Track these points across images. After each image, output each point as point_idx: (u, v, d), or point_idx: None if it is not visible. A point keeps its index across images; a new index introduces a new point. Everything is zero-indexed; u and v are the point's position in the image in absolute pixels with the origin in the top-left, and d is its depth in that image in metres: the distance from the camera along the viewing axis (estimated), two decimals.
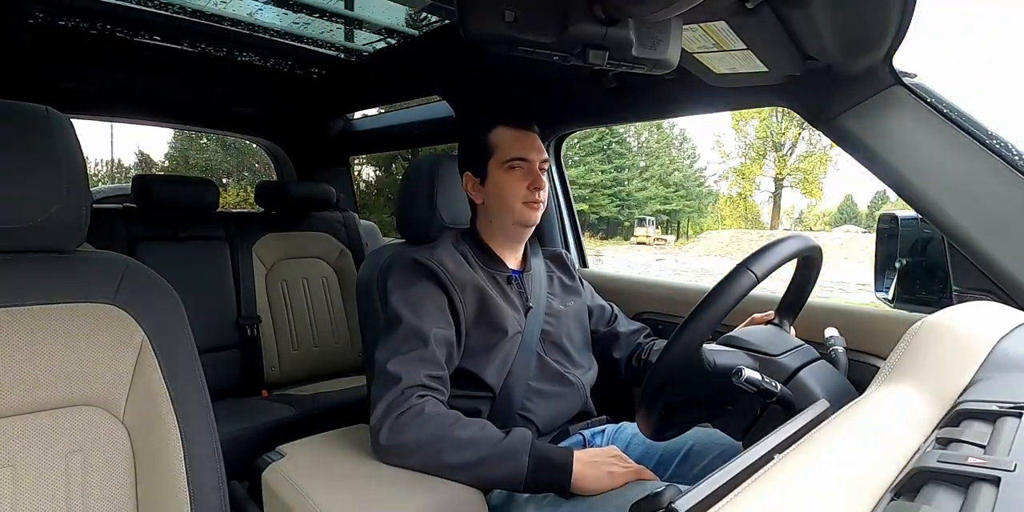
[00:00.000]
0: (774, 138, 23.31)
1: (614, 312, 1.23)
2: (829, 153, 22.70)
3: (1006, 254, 0.83)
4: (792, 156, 23.44)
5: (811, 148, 23.04)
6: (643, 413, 0.75)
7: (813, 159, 23.02)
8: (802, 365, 0.78)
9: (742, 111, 19.76)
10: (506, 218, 1.03)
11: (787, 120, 22.72)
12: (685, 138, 28.28)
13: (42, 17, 1.46)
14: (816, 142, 22.95)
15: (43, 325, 0.66)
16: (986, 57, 51.82)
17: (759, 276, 0.71)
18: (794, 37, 0.75)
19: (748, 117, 22.94)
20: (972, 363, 0.48)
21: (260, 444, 1.01)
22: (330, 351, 1.95)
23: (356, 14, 1.47)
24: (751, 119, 23.13)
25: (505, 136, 1.02)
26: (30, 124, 0.65)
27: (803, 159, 23.15)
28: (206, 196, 1.78)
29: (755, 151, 24.02)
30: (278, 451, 0.90)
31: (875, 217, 2.33)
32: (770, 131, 23.19)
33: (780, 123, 22.90)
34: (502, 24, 0.50)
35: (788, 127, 22.82)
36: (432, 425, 0.82)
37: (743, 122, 23.40)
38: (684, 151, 28.53)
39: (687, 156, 28.62)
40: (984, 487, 0.30)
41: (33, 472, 0.63)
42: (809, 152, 23.12)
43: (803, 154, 23.21)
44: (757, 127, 23.26)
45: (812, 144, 23.07)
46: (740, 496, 0.32)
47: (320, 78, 2.00)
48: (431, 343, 0.89)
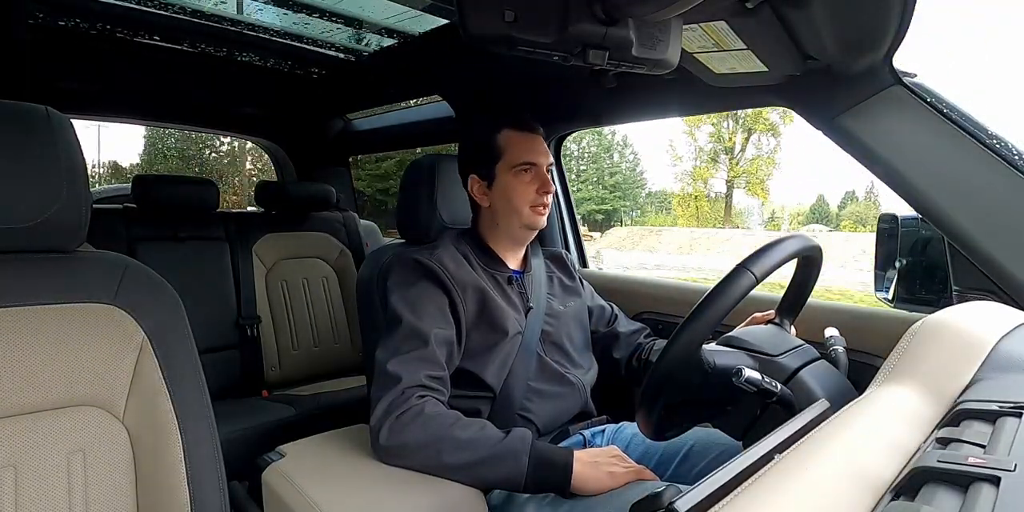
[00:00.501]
0: (724, 143, 24.86)
1: (614, 312, 1.23)
2: (774, 157, 24.50)
3: (1006, 254, 0.83)
4: (741, 160, 25.08)
5: (758, 152, 24.83)
6: (643, 413, 0.75)
7: (758, 162, 24.68)
8: (802, 365, 0.78)
9: (695, 118, 20.97)
10: (513, 221, 1.03)
11: (737, 127, 24.27)
12: (627, 144, 29.58)
13: (42, 17, 1.46)
14: (762, 146, 24.80)
15: (43, 325, 0.66)
16: (986, 57, 51.82)
17: (758, 276, 0.71)
18: (794, 37, 0.75)
19: (699, 123, 24.46)
20: (972, 363, 0.48)
21: (260, 444, 1.01)
22: (330, 351, 1.94)
23: (356, 14, 1.47)
24: (703, 125, 24.64)
25: (512, 139, 1.02)
26: (30, 124, 0.65)
27: (750, 163, 24.82)
28: (206, 196, 1.78)
29: (708, 155, 25.71)
30: (278, 451, 0.90)
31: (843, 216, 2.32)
32: (721, 137, 24.78)
33: (730, 129, 24.49)
34: (502, 24, 0.50)
35: (736, 131, 24.40)
36: (432, 425, 0.82)
37: (696, 128, 24.85)
38: (625, 156, 29.67)
39: (626, 160, 29.71)
40: (984, 487, 0.30)
41: (34, 472, 0.63)
42: (756, 156, 24.80)
43: (751, 158, 24.87)
44: (711, 133, 24.90)
45: (759, 148, 24.86)
46: (740, 496, 0.32)
47: (320, 78, 2.00)
48: (431, 343, 0.89)
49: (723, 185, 25.90)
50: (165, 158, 21.65)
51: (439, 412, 0.84)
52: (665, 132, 47.73)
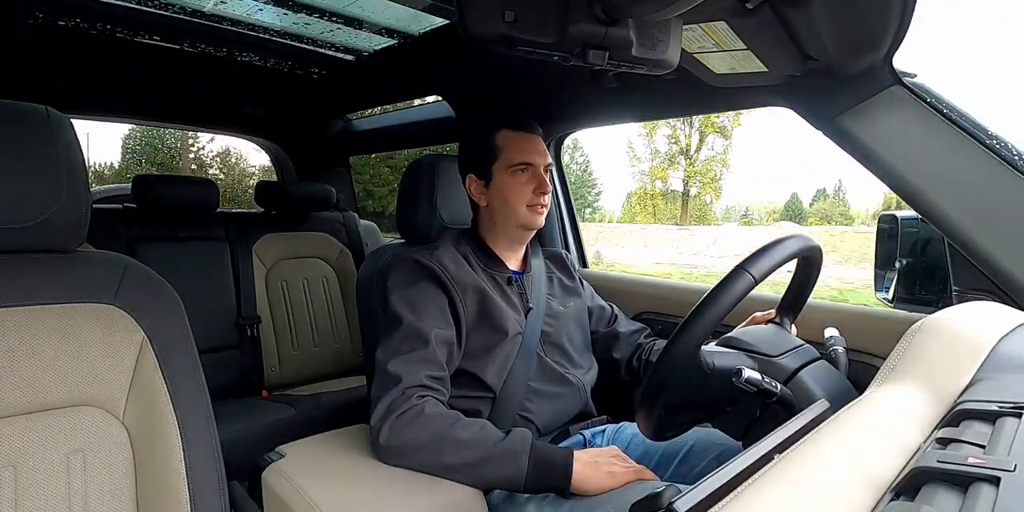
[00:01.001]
0: (681, 145, 26.73)
1: (614, 312, 1.23)
2: (725, 158, 26.21)
3: (1006, 254, 0.83)
4: (697, 161, 26.96)
5: (711, 153, 26.62)
6: (643, 413, 0.75)
7: (710, 163, 26.54)
8: (802, 365, 0.78)
9: (653, 123, 21.98)
10: (510, 221, 1.04)
11: (692, 130, 26.06)
12: (577, 147, 31.05)
13: (42, 17, 1.46)
14: (714, 147, 26.55)
15: (43, 325, 0.66)
16: (986, 57, 51.80)
17: (757, 277, 0.71)
18: (794, 37, 0.75)
19: (656, 127, 26.13)
20: (972, 363, 0.48)
21: (260, 444, 1.01)
22: (330, 351, 1.94)
23: (356, 14, 1.47)
24: (660, 128, 26.44)
25: (510, 139, 1.02)
26: (30, 124, 0.65)
27: (705, 163, 26.67)
28: (206, 196, 1.78)
29: (666, 156, 27.52)
30: (278, 451, 0.90)
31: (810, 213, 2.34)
32: (677, 138, 26.75)
33: (687, 132, 26.33)
34: (502, 24, 0.50)
35: (692, 134, 26.22)
36: (432, 425, 0.82)
37: (654, 131, 26.62)
38: (575, 159, 30.99)
39: (576, 162, 31.05)
40: (984, 487, 0.30)
41: (34, 472, 0.63)
42: (710, 157, 26.62)
43: (706, 159, 26.78)
44: (667, 135, 26.88)
45: (712, 149, 26.59)
46: (740, 496, 0.32)
47: (320, 78, 2.00)
48: (431, 343, 0.89)
49: (682, 184, 27.57)
50: (139, 166, 21.82)
51: (439, 412, 0.84)
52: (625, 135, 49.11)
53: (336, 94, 2.11)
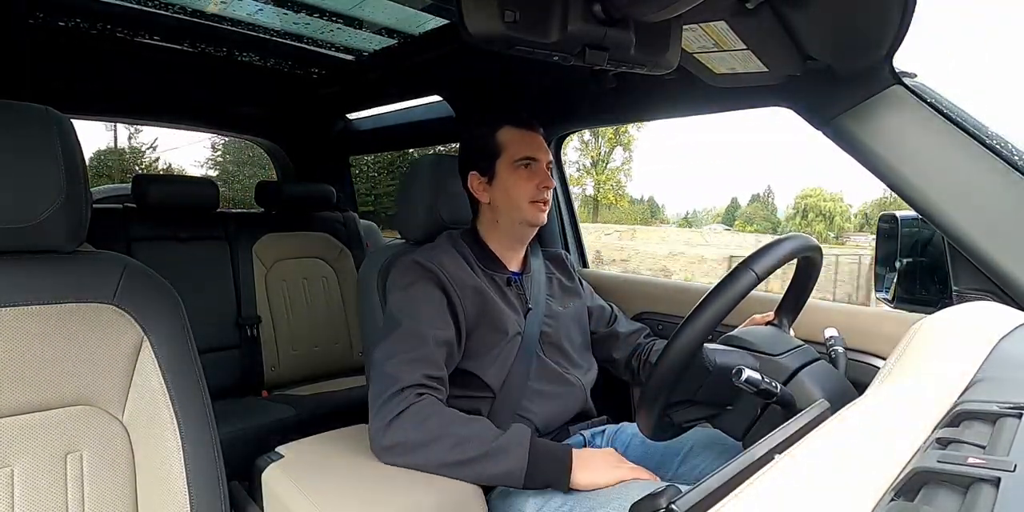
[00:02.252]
0: (590, 155, 29.50)
1: (614, 312, 1.23)
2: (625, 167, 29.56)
3: (1006, 254, 0.83)
4: (604, 171, 29.77)
5: (614, 163, 29.69)
6: (643, 413, 0.75)
7: (612, 172, 29.58)
8: (802, 365, 0.78)
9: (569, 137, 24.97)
10: (514, 217, 1.04)
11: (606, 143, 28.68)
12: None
13: (42, 17, 1.46)
14: (616, 158, 29.53)
15: (43, 325, 0.65)
16: (986, 57, 51.85)
17: (760, 274, 0.71)
18: (794, 37, 0.75)
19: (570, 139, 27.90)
20: (972, 363, 0.48)
21: (260, 444, 1.00)
22: (330, 351, 1.94)
23: (356, 14, 1.47)
24: (572, 141, 28.33)
25: (513, 136, 1.03)
26: (30, 124, 0.65)
27: (611, 173, 29.66)
28: (206, 196, 1.78)
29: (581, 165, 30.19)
30: (278, 451, 0.90)
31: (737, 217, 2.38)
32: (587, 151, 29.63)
33: (596, 143, 29.23)
34: (502, 24, 0.50)
35: (600, 146, 28.94)
36: (430, 423, 0.82)
37: (567, 144, 28.03)
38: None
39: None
40: (984, 488, 0.30)
41: (33, 472, 0.63)
42: (614, 168, 29.65)
43: (612, 169, 29.73)
44: (576, 147, 29.70)
45: (614, 160, 29.61)
46: (740, 496, 0.32)
47: (320, 78, 2.00)
48: (430, 344, 0.89)
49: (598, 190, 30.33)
50: (110, 178, 21.89)
51: (437, 410, 0.84)
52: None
53: (336, 94, 2.11)
